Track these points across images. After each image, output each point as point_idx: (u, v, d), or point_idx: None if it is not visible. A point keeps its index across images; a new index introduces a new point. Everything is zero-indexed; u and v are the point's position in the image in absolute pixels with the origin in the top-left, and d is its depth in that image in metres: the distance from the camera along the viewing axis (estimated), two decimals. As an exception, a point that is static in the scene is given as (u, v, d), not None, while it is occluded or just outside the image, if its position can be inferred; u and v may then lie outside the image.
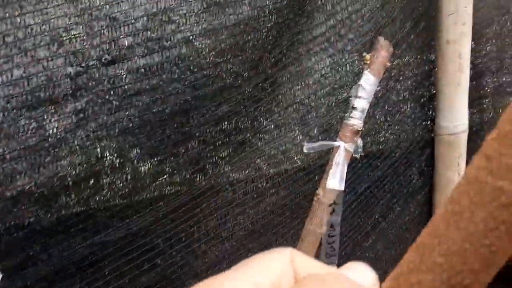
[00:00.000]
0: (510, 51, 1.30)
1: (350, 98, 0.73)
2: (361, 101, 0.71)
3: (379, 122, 1.17)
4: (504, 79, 1.31)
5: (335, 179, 0.70)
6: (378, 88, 0.77)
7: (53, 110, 0.73)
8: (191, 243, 0.90)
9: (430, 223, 0.23)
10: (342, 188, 0.71)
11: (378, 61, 0.73)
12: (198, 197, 0.90)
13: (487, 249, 0.21)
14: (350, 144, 0.71)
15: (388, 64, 0.74)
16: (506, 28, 1.30)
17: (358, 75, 1.08)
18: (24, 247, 0.72)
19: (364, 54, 0.73)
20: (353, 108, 0.72)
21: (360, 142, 0.73)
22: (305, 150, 0.75)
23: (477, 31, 1.25)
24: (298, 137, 1.03)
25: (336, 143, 0.71)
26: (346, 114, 0.73)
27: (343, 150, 0.70)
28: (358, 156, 0.74)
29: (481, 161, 0.22)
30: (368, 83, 0.72)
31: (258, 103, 0.97)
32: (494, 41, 1.29)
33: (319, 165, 1.07)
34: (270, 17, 0.92)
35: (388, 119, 1.18)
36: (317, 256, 0.74)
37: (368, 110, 0.77)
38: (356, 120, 0.71)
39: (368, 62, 0.72)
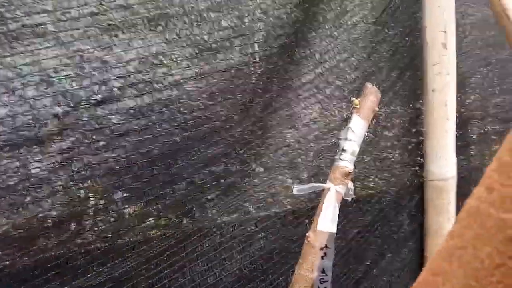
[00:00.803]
0: (494, 100, 1.34)
1: (340, 141, 0.73)
2: (351, 144, 0.72)
3: (368, 167, 1.18)
4: (489, 127, 1.34)
5: (327, 221, 0.68)
6: (367, 133, 0.77)
7: (37, 150, 0.72)
8: (174, 290, 0.86)
9: (432, 260, 0.22)
10: (334, 230, 0.70)
11: (367, 106, 0.74)
12: (184, 241, 0.87)
13: (494, 287, 0.20)
14: (340, 186, 0.71)
15: (377, 108, 0.76)
16: (489, 78, 1.35)
17: (347, 120, 1.10)
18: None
19: (353, 99, 0.75)
20: (343, 150, 0.72)
21: (351, 184, 0.73)
22: (294, 192, 0.74)
23: (461, 82, 1.29)
24: (287, 180, 1.03)
25: (326, 185, 0.71)
26: (336, 157, 0.73)
27: (334, 192, 0.70)
28: (349, 198, 0.73)
29: (482, 193, 0.20)
30: (358, 126, 0.72)
31: (248, 145, 0.97)
32: (478, 90, 1.33)
33: (309, 208, 1.05)
34: (261, 63, 0.94)
35: (377, 164, 1.19)
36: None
37: (358, 154, 0.77)
38: (346, 162, 0.71)
39: (358, 106, 0.74)
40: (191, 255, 0.89)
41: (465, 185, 1.31)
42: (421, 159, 1.26)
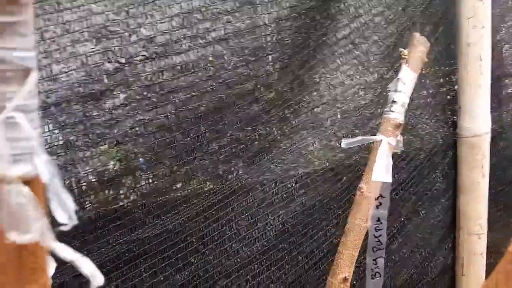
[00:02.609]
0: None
1: (389, 93, 0.73)
2: (401, 95, 0.72)
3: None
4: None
5: (381, 171, 0.69)
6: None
7: (91, 106, 0.73)
8: (223, 242, 0.89)
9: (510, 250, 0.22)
10: (390, 180, 0.71)
11: (416, 56, 0.73)
12: (230, 196, 0.90)
13: None
14: (392, 138, 0.71)
15: (425, 59, 0.75)
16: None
17: (382, 76, 1.09)
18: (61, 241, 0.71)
19: (401, 49, 0.74)
20: (393, 101, 0.72)
21: (400, 137, 0.73)
22: (343, 145, 0.75)
23: (494, 36, 1.27)
24: (325, 137, 1.03)
25: (377, 137, 0.71)
26: (386, 109, 0.73)
27: (386, 143, 0.70)
28: (398, 151, 0.74)
29: None
30: (407, 77, 0.72)
31: (287, 103, 0.97)
32: (511, 44, 1.30)
33: (346, 165, 1.07)
34: (299, 17, 0.93)
35: (411, 121, 1.19)
36: (363, 250, 0.73)
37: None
38: (396, 113, 0.72)
39: (406, 57, 0.73)
40: (237, 209, 0.91)
41: (499, 141, 1.31)
42: (455, 116, 1.25)
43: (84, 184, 0.73)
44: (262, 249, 0.94)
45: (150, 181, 0.78)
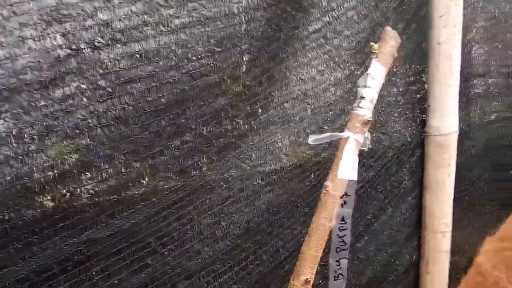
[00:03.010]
0: (496, 55, 1.33)
1: (358, 88, 0.71)
2: (370, 91, 0.69)
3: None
4: (490, 81, 1.34)
5: (347, 169, 0.67)
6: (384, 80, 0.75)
7: (39, 95, 0.67)
8: (184, 242, 0.84)
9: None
10: (355, 178, 0.68)
11: (386, 51, 0.71)
12: (192, 194, 0.85)
13: None
14: (359, 135, 0.69)
15: (396, 54, 0.73)
16: (491, 33, 1.33)
17: (353, 72, 1.07)
18: (4, 243, 0.65)
19: (372, 43, 0.72)
20: (362, 97, 0.69)
21: (368, 134, 0.71)
22: (310, 142, 0.72)
23: (464, 35, 1.27)
24: (294, 133, 1.00)
25: (345, 134, 0.69)
26: (354, 105, 0.70)
27: (353, 140, 0.68)
28: (365, 148, 0.71)
29: None
30: (377, 72, 0.70)
31: (255, 98, 0.94)
32: (481, 44, 1.31)
33: (315, 162, 1.04)
34: (269, 8, 0.89)
35: (380, 119, 1.17)
36: (327, 251, 0.70)
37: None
38: (365, 110, 0.69)
39: (376, 51, 0.71)
40: (199, 208, 0.87)
41: (465, 140, 1.32)
42: (423, 115, 1.25)
43: (28, 180, 0.66)
44: (225, 248, 0.90)
45: (104, 177, 0.72)
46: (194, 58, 0.79)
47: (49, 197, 0.68)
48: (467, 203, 1.38)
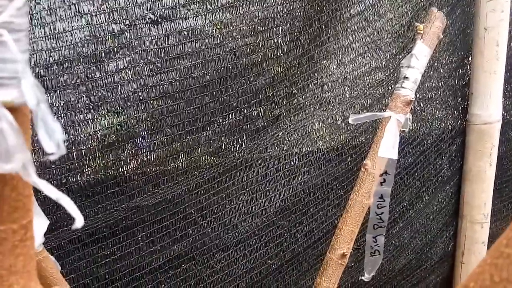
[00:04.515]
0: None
1: (402, 68, 0.71)
2: (414, 71, 0.69)
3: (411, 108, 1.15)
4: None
5: (388, 148, 0.67)
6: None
7: (95, 67, 0.71)
8: (222, 216, 0.88)
9: None
10: (395, 157, 0.69)
11: (432, 32, 0.70)
12: (231, 170, 0.88)
13: None
14: (401, 115, 0.69)
15: (441, 35, 0.72)
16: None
17: (395, 56, 1.06)
18: (59, 207, 0.70)
19: (417, 24, 0.71)
20: (405, 78, 0.69)
21: (409, 115, 0.71)
22: (350, 121, 0.72)
23: (511, 21, 1.23)
24: (332, 115, 1.01)
25: (386, 114, 0.69)
26: (397, 85, 0.70)
27: (395, 120, 0.68)
28: (406, 129, 0.71)
29: None
30: (421, 53, 0.69)
31: (294, 78, 0.95)
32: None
33: (352, 146, 1.04)
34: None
35: (421, 105, 1.16)
36: (364, 227, 0.71)
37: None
38: (408, 90, 0.69)
39: (422, 32, 0.70)
40: (237, 184, 0.90)
41: (509, 130, 1.28)
42: (465, 102, 1.22)
43: (83, 148, 0.71)
44: (261, 225, 0.93)
45: (150, 149, 0.76)
46: (238, 36, 0.81)
47: (101, 165, 0.72)
48: (507, 195, 1.34)
